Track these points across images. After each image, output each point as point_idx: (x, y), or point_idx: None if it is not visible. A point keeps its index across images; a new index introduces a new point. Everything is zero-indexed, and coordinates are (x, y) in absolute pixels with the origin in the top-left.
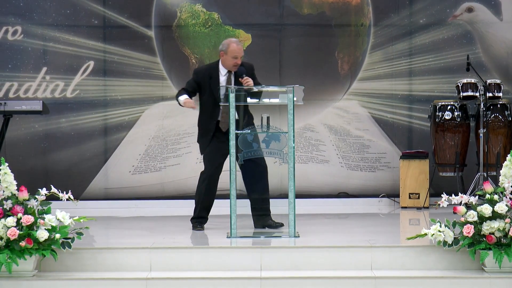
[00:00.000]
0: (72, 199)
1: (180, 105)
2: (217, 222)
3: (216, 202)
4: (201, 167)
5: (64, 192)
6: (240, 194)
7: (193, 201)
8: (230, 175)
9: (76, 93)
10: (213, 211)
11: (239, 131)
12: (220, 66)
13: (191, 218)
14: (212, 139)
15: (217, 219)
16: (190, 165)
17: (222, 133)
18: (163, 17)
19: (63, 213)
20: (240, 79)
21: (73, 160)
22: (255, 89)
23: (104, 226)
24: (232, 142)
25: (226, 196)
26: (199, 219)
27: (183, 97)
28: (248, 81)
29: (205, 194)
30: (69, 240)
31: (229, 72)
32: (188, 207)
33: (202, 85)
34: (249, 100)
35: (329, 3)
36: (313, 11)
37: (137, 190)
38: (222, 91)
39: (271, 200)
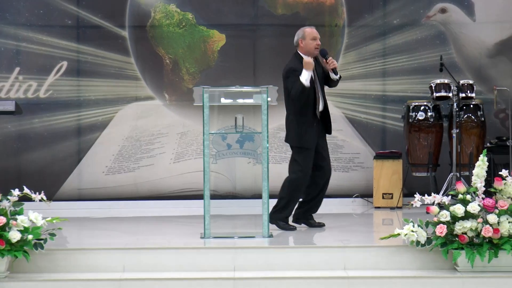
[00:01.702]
0: (45, 200)
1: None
2: (191, 223)
3: (190, 202)
4: (175, 167)
5: (37, 192)
6: (213, 195)
7: (167, 201)
8: (204, 175)
9: (49, 94)
10: (187, 211)
11: (215, 132)
12: (303, 56)
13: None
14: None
15: (190, 219)
16: (164, 165)
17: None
18: (137, 17)
19: (36, 214)
20: (325, 60)
21: (46, 160)
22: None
23: (77, 227)
24: (206, 143)
25: (200, 197)
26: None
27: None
28: (333, 61)
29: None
30: (42, 241)
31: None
32: (161, 208)
33: None
34: (223, 100)
35: (304, 3)
36: (288, 12)
37: (110, 191)
38: (197, 92)
39: (244, 201)
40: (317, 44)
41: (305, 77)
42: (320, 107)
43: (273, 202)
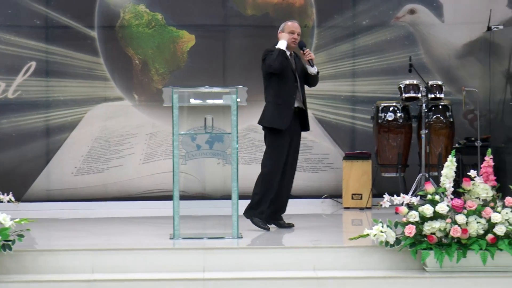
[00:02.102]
0: (13, 201)
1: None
2: (160, 224)
3: (159, 203)
4: (145, 168)
5: (5, 193)
6: (183, 195)
7: (135, 202)
8: (173, 176)
9: (18, 94)
10: (156, 212)
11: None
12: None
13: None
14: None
15: (160, 220)
16: (133, 166)
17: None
18: (106, 18)
19: (4, 215)
20: (301, 52)
21: (14, 161)
22: (316, 68)
23: (46, 228)
24: (176, 143)
25: (169, 197)
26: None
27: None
28: (309, 53)
29: None
30: (10, 243)
31: (294, 54)
32: (131, 209)
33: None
34: (192, 101)
35: (273, 4)
36: (257, 12)
37: (79, 192)
38: (166, 93)
39: (213, 201)
40: (294, 38)
41: (280, 43)
42: (297, 103)
43: (243, 202)
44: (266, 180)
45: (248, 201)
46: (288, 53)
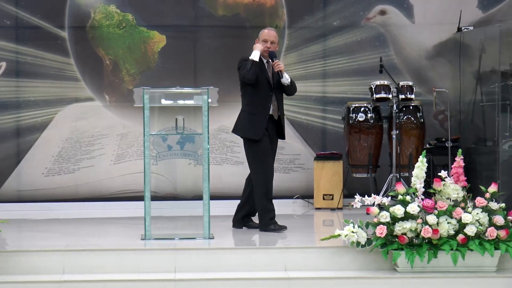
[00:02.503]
0: None
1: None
2: (131, 224)
3: (130, 204)
4: (116, 168)
5: None
6: (154, 196)
7: (106, 203)
8: (145, 176)
9: None
10: (127, 212)
11: (156, 133)
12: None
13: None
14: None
15: (131, 221)
16: (104, 166)
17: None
18: (76, 18)
19: None
20: (272, 62)
21: None
22: (288, 78)
23: (17, 229)
24: (147, 144)
25: (141, 198)
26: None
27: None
28: (278, 64)
29: None
30: None
31: (269, 61)
32: (102, 209)
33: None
34: (163, 101)
35: (244, 4)
36: (228, 13)
37: (50, 192)
38: (137, 93)
39: (185, 202)
40: (266, 47)
41: (253, 54)
42: (272, 112)
43: (214, 203)
44: (258, 189)
45: (218, 201)
46: (265, 61)
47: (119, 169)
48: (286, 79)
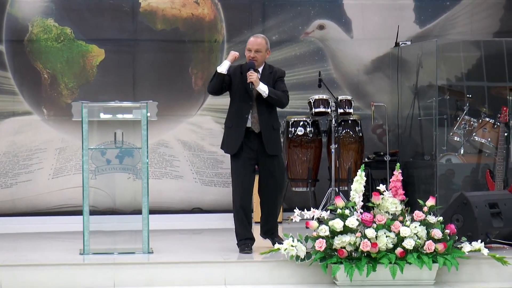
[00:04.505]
0: None
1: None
2: (70, 239)
3: (69, 218)
4: (54, 183)
5: None
6: (93, 210)
7: (45, 217)
8: (83, 191)
9: None
10: (66, 227)
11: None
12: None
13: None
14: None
15: (69, 235)
16: (42, 181)
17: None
18: (14, 32)
19: None
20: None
21: None
22: (265, 90)
23: None
24: (86, 158)
25: (79, 213)
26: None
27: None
28: (249, 75)
29: None
30: None
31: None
32: (40, 224)
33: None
34: (102, 115)
35: (183, 19)
36: (167, 27)
37: None
38: (76, 107)
39: (124, 216)
40: (250, 56)
41: (222, 64)
42: (251, 124)
43: (153, 217)
44: (235, 211)
45: (157, 216)
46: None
47: (57, 183)
48: (262, 91)
